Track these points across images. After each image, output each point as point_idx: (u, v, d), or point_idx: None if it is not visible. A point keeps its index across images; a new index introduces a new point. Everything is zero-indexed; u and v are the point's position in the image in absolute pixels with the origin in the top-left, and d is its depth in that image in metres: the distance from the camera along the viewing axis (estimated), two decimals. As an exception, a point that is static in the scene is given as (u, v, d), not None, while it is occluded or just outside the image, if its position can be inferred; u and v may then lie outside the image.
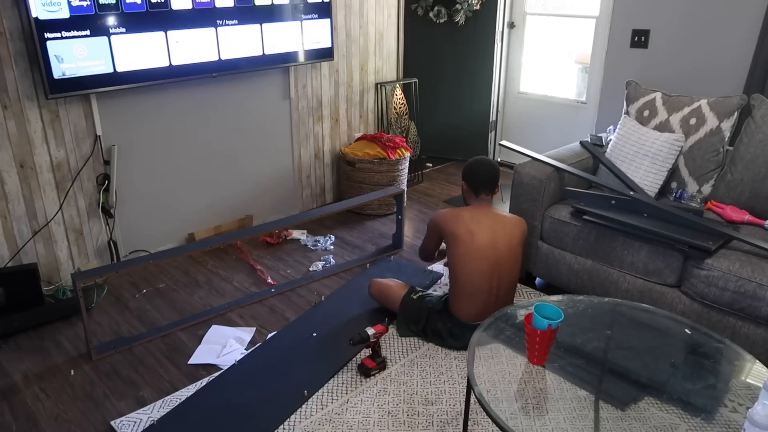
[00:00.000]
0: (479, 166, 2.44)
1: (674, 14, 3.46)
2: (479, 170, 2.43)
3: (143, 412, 2.11)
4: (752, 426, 1.32)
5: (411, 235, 3.59)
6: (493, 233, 2.33)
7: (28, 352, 2.47)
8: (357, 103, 4.17)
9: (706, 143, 2.76)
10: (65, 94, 2.64)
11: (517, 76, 4.65)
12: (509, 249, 2.34)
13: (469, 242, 2.32)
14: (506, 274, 2.35)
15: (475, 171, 2.43)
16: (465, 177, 2.47)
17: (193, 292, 2.94)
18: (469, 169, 2.46)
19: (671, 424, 1.59)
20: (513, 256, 2.36)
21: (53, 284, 2.92)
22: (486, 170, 2.42)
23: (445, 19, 4.40)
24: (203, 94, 3.26)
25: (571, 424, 1.58)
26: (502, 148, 4.77)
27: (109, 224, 3.07)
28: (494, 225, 2.36)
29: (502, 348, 1.89)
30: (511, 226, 2.39)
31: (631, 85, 3.06)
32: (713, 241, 2.30)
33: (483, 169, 2.43)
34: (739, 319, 2.26)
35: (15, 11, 2.52)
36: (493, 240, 2.32)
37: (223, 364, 2.38)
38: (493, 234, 2.33)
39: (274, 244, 3.46)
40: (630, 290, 2.55)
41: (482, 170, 2.42)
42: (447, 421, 2.07)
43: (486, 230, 2.33)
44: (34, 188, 2.77)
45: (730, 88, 3.30)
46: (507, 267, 2.35)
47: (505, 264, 2.34)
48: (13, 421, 2.08)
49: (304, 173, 3.94)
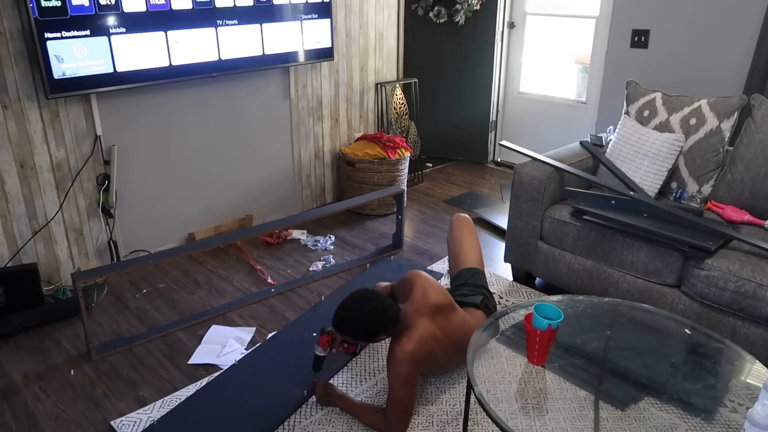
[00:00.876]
0: (356, 315, 1.91)
1: (674, 14, 3.46)
2: (357, 319, 1.91)
3: (143, 412, 2.11)
4: (752, 426, 1.32)
5: (411, 235, 3.59)
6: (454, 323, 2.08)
7: (28, 352, 2.47)
8: (357, 103, 4.17)
9: (706, 143, 2.76)
10: (65, 94, 2.64)
11: (517, 76, 4.65)
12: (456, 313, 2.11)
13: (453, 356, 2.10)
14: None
15: (354, 319, 1.92)
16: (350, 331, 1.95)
17: (193, 292, 2.94)
18: (346, 319, 1.94)
19: (671, 424, 1.59)
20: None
21: (53, 284, 2.92)
22: (364, 314, 1.90)
23: (445, 19, 4.41)
24: (203, 94, 3.26)
25: (571, 424, 1.58)
26: (502, 148, 4.77)
27: (109, 224, 3.07)
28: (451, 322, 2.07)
29: (502, 348, 1.89)
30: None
31: (631, 85, 3.06)
32: (713, 241, 2.30)
33: (362, 315, 1.91)
34: (739, 319, 2.26)
35: (15, 11, 2.52)
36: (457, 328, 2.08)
37: (223, 364, 2.38)
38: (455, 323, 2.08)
39: (274, 244, 3.46)
40: (630, 290, 2.55)
41: (360, 317, 1.91)
42: (447, 421, 2.07)
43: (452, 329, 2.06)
44: (34, 188, 2.77)
45: (730, 88, 3.30)
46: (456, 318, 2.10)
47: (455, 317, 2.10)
48: (13, 421, 2.08)
49: (304, 173, 3.94)
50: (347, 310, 1.93)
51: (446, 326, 2.04)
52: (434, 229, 3.68)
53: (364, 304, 1.90)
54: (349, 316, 1.91)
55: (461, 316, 2.11)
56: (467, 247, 2.45)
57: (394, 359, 1.90)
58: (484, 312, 2.24)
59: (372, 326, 1.91)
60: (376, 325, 1.91)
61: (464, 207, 4.00)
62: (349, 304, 1.93)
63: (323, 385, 2.14)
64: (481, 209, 3.93)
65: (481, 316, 2.21)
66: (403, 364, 1.89)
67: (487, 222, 3.77)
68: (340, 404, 2.11)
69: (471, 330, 2.01)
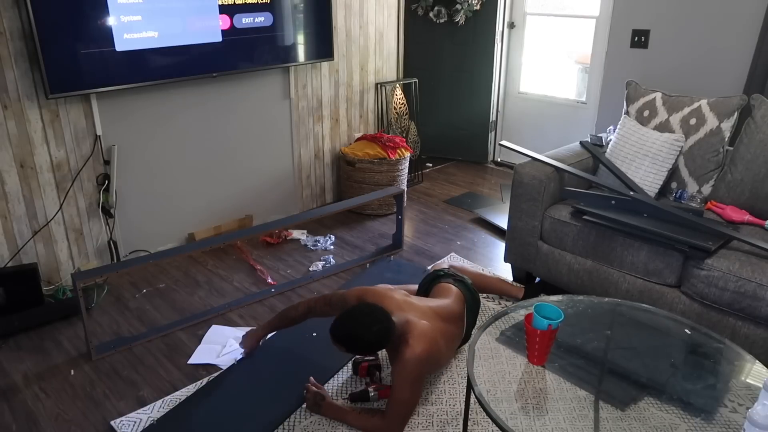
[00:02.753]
0: (359, 329, 1.89)
1: (674, 14, 3.46)
2: (359, 335, 1.89)
3: (143, 412, 2.11)
4: (752, 426, 1.32)
5: (411, 235, 3.59)
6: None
7: (28, 352, 2.47)
8: (357, 103, 4.17)
9: (706, 143, 2.76)
10: (65, 93, 2.64)
11: (517, 76, 4.65)
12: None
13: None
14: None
15: (356, 336, 1.89)
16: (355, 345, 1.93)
17: (193, 292, 2.94)
18: (347, 335, 1.91)
19: (671, 424, 1.59)
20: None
21: (53, 284, 2.92)
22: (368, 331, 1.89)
23: (445, 19, 4.40)
24: (203, 93, 3.25)
25: (571, 424, 1.58)
26: (502, 148, 4.77)
27: (109, 224, 3.07)
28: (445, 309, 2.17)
29: (502, 348, 1.89)
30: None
31: (631, 85, 3.06)
32: (713, 241, 2.30)
33: (362, 331, 1.90)
34: (739, 319, 2.26)
35: (15, 11, 2.52)
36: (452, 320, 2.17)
37: (223, 364, 2.38)
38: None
39: (274, 244, 3.46)
40: (630, 290, 2.55)
41: (362, 334, 1.89)
42: (447, 421, 2.07)
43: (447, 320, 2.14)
44: (34, 188, 2.77)
45: (730, 88, 3.30)
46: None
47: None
48: (13, 421, 2.08)
49: (304, 173, 3.94)
50: (353, 324, 1.89)
51: (443, 330, 2.09)
52: (434, 229, 3.68)
53: (371, 324, 1.89)
54: (353, 332, 1.89)
55: (444, 309, 2.17)
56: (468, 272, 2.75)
57: (403, 362, 1.91)
58: (448, 282, 2.33)
59: (371, 346, 1.90)
60: (376, 345, 1.91)
61: (464, 207, 4.00)
62: (355, 319, 1.90)
63: (314, 393, 2.09)
64: (481, 209, 3.93)
65: (449, 287, 2.29)
66: (414, 365, 1.91)
67: (487, 222, 3.77)
68: (330, 412, 2.06)
69: (453, 309, 2.19)
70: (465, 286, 2.34)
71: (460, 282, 2.35)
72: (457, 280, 2.35)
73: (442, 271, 2.43)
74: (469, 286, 2.36)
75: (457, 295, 2.27)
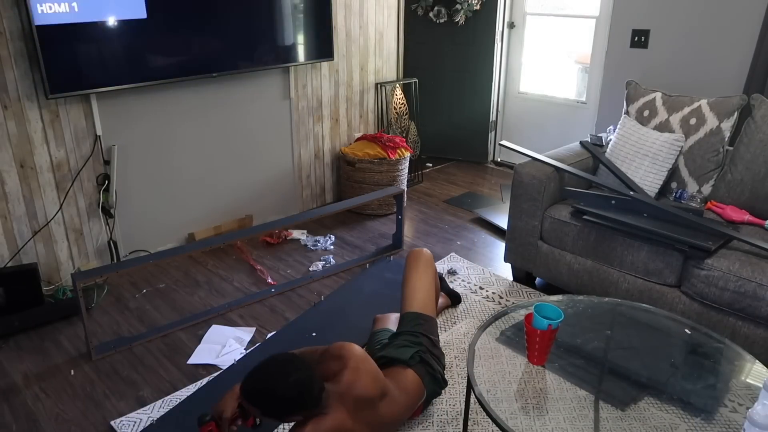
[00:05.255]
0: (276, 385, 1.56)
1: (674, 14, 3.46)
2: (276, 390, 1.55)
3: (143, 411, 2.11)
4: (752, 426, 1.32)
5: (411, 235, 3.59)
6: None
7: (28, 352, 2.47)
8: (357, 103, 4.17)
9: (706, 143, 2.76)
10: (65, 94, 2.64)
11: (517, 76, 4.65)
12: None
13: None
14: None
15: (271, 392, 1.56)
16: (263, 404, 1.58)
17: (193, 292, 2.94)
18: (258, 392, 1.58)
19: (671, 424, 1.59)
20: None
21: (53, 284, 2.92)
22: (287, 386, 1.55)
23: (445, 19, 4.41)
24: (203, 94, 3.25)
25: (571, 424, 1.58)
26: (502, 148, 4.77)
27: (109, 224, 3.07)
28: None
29: (502, 348, 1.89)
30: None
31: (631, 85, 3.06)
32: (713, 241, 2.30)
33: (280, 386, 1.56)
34: (739, 319, 2.26)
35: (15, 11, 2.52)
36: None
37: (223, 364, 2.38)
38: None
39: (274, 244, 3.46)
40: (630, 290, 2.55)
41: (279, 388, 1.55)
42: (447, 421, 2.07)
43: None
44: (34, 188, 2.77)
45: (730, 88, 3.30)
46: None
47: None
48: (13, 421, 2.08)
49: (304, 173, 3.94)
50: (265, 376, 1.57)
51: (370, 420, 1.74)
52: (434, 229, 3.68)
53: (288, 374, 1.55)
54: (267, 386, 1.55)
55: (389, 401, 1.81)
56: (414, 287, 2.17)
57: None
58: (416, 371, 1.93)
59: (290, 402, 1.55)
60: (295, 402, 1.55)
61: (464, 207, 4.00)
62: (268, 370, 1.58)
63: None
64: (481, 209, 3.93)
65: (413, 379, 1.91)
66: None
67: (487, 222, 3.77)
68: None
69: (398, 415, 1.83)
70: (432, 377, 1.98)
71: (428, 370, 1.97)
72: (424, 363, 1.96)
73: (413, 348, 1.98)
74: (437, 377, 2.00)
75: (415, 391, 1.92)
